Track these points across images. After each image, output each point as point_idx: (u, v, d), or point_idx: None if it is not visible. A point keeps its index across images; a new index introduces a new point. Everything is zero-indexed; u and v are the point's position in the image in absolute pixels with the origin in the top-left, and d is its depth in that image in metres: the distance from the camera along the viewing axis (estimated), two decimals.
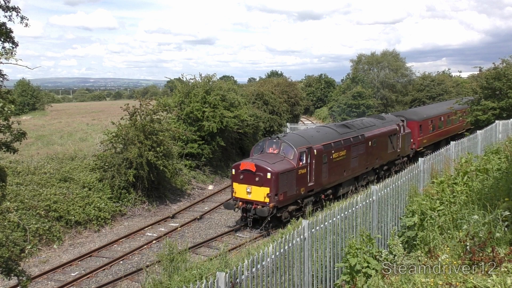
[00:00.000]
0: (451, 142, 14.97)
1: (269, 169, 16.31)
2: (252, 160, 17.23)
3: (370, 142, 21.95)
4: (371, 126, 22.92)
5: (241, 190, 17.01)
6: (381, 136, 23.09)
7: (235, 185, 17.23)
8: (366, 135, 21.76)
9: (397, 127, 24.90)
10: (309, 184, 17.80)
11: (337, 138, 19.83)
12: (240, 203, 17.01)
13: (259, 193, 16.48)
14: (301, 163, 17.34)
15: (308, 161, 17.73)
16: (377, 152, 22.75)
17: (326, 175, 18.74)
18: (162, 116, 22.70)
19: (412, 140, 26.90)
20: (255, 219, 17.13)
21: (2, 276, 8.91)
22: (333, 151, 19.10)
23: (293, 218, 16.11)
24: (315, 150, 17.95)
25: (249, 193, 16.78)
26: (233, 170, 17.37)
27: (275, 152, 17.63)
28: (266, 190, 16.34)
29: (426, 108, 32.24)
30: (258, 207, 16.46)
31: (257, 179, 16.43)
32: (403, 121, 26.48)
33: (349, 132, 20.88)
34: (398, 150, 25.15)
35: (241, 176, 16.88)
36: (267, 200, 16.33)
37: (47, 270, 14.28)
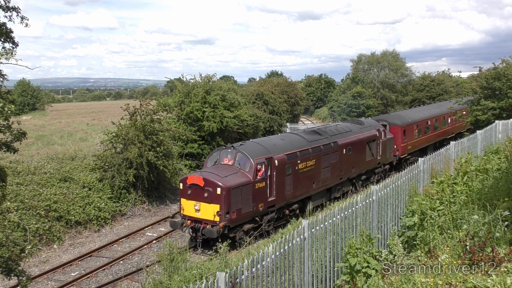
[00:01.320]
0: (451, 142, 14.96)
1: (219, 183, 14.38)
2: (201, 173, 15.33)
3: (344, 150, 20.09)
4: (346, 132, 21.10)
5: (189, 207, 15.07)
6: (357, 142, 21.25)
7: (183, 201, 15.30)
8: (339, 142, 19.87)
9: (377, 133, 23.01)
10: (269, 199, 15.88)
11: (305, 146, 17.84)
12: (189, 221, 15.05)
13: (208, 211, 14.56)
14: (259, 176, 15.43)
15: (268, 173, 15.86)
16: (353, 160, 20.86)
17: (290, 188, 16.78)
18: (162, 116, 22.71)
19: (395, 147, 25.17)
20: (206, 240, 15.10)
21: (2, 276, 8.91)
22: (299, 161, 17.17)
23: (250, 237, 14.55)
24: (276, 161, 16.03)
25: (197, 210, 14.85)
26: (181, 184, 15.45)
27: (230, 163, 15.74)
28: (216, 207, 14.42)
29: (411, 112, 30.18)
30: (208, 226, 14.53)
31: (206, 195, 14.54)
32: (385, 125, 25.01)
33: (320, 139, 18.94)
34: (379, 158, 23.26)
35: (189, 191, 14.95)
36: (217, 218, 14.40)
37: (47, 270, 14.29)
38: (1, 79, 8.87)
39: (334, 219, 8.24)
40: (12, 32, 8.94)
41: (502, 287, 4.57)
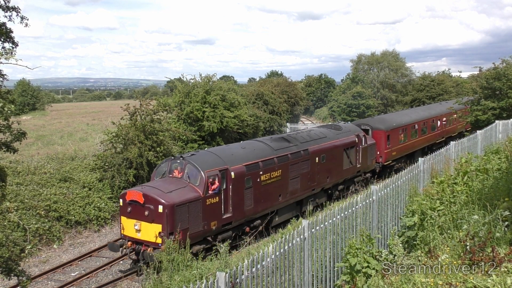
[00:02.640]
0: (451, 142, 14.96)
1: (161, 200, 12.62)
2: (142, 188, 13.61)
3: (317, 158, 18.35)
4: (320, 138, 19.30)
5: (129, 227, 13.29)
6: (333, 149, 19.49)
7: (123, 219, 13.49)
8: (311, 150, 18.11)
9: (356, 139, 21.28)
10: (224, 216, 14.16)
11: (269, 155, 16.14)
12: (129, 243, 13.29)
13: (149, 232, 12.77)
14: (211, 190, 13.72)
15: (224, 186, 14.18)
16: (327, 169, 19.12)
17: (251, 202, 15.06)
18: (162, 116, 22.70)
19: (378, 153, 23.54)
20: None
21: (2, 276, 8.92)
22: (261, 172, 15.47)
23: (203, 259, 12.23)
24: (232, 173, 14.40)
25: (138, 231, 13.02)
26: (120, 201, 13.65)
27: (178, 176, 14.06)
28: (158, 227, 12.63)
29: (396, 115, 28.28)
30: (149, 249, 12.71)
31: (146, 213, 12.78)
32: (367, 130, 23.59)
33: (288, 147, 17.20)
34: (358, 165, 21.51)
35: (129, 209, 13.20)
36: (159, 240, 12.55)
37: (47, 270, 14.30)
38: (1, 79, 8.88)
39: (334, 219, 8.24)
40: (12, 32, 8.95)
41: (502, 287, 4.57)
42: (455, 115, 31.49)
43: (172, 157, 14.98)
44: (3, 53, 8.29)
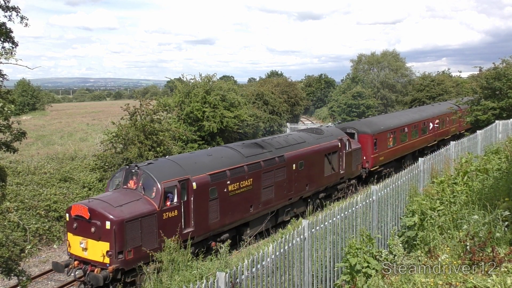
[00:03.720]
0: (451, 142, 14.95)
1: (108, 215, 11.28)
2: (88, 201, 12.18)
3: (294, 165, 17.12)
4: (298, 143, 18.02)
5: (75, 244, 11.90)
6: (312, 155, 18.24)
7: (69, 236, 12.13)
8: (287, 156, 16.87)
9: (339, 143, 20.02)
10: (185, 231, 12.88)
11: (239, 163, 14.93)
12: (76, 262, 11.94)
13: (96, 250, 11.45)
14: (168, 203, 12.55)
15: (184, 198, 13.00)
16: (306, 176, 17.89)
17: (216, 215, 13.84)
18: (162, 116, 22.70)
19: (364, 158, 22.36)
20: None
21: (2, 276, 8.92)
22: (229, 182, 14.28)
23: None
24: (194, 183, 13.17)
25: (84, 249, 11.66)
26: (67, 215, 12.27)
27: (133, 187, 12.74)
28: (105, 245, 11.34)
29: (385, 118, 26.82)
30: (96, 270, 11.35)
31: (93, 229, 11.44)
32: (352, 134, 22.42)
33: (260, 154, 15.96)
34: (342, 172, 20.25)
35: (75, 225, 11.83)
36: (106, 260, 11.30)
37: (47, 270, 14.29)
38: (1, 79, 8.88)
39: (334, 219, 8.24)
40: (12, 32, 8.95)
41: (502, 287, 4.57)
42: (448, 117, 30.95)
43: (127, 166, 13.49)
44: (3, 53, 8.30)
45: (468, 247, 5.61)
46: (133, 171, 12.97)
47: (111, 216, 11.26)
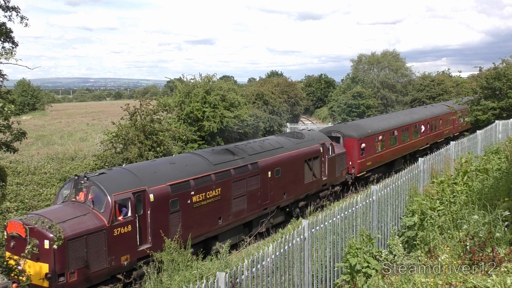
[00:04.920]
0: (451, 142, 14.94)
1: (46, 233, 10.00)
2: (27, 216, 10.91)
3: (269, 172, 16.04)
4: (274, 149, 16.84)
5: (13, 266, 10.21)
6: (290, 161, 17.12)
7: (7, 256, 10.36)
8: (261, 163, 15.74)
9: (321, 148, 18.90)
10: (141, 248, 11.75)
11: (205, 171, 13.80)
12: (14, 285, 10.22)
13: (35, 272, 10.26)
14: (121, 217, 11.41)
15: (140, 212, 11.88)
16: (284, 184, 16.78)
17: (178, 228, 12.62)
18: (162, 116, 22.70)
19: (350, 163, 21.34)
20: None
21: (2, 276, 8.91)
22: (193, 192, 13.16)
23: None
24: (152, 195, 12.04)
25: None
26: (5, 233, 11.21)
27: (82, 199, 11.57)
28: (44, 267, 10.17)
29: (373, 120, 25.62)
30: None
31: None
32: (338, 138, 21.50)
33: (231, 161, 14.87)
34: (324, 178, 19.12)
35: (12, 243, 10.63)
36: (46, 284, 10.16)
37: None
38: (1, 79, 8.89)
39: (334, 219, 8.24)
40: (12, 32, 8.96)
41: (502, 287, 4.57)
42: (441, 120, 30.43)
43: (76, 177, 12.14)
44: (3, 53, 8.30)
45: (468, 247, 5.61)
46: (82, 182, 11.80)
47: (50, 234, 9.71)
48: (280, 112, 35.76)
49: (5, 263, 8.28)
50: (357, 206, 8.84)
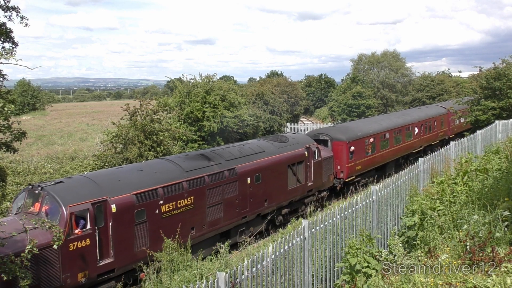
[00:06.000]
0: (451, 142, 14.94)
1: None
2: None
3: (248, 179, 15.17)
4: (254, 154, 15.98)
5: None
6: (272, 167, 16.25)
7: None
8: (239, 169, 14.88)
9: (306, 152, 18.02)
10: (101, 263, 10.86)
11: (176, 178, 12.94)
12: None
13: None
14: (78, 230, 10.50)
15: (101, 223, 11.02)
16: (265, 191, 15.93)
17: (145, 241, 11.81)
18: (162, 116, 22.71)
19: (339, 167, 20.56)
20: None
21: (2, 276, 8.90)
22: (161, 202, 12.26)
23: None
24: (114, 205, 11.18)
25: None
26: None
27: (36, 211, 10.73)
28: None
29: (364, 123, 24.60)
30: None
31: None
32: (326, 141, 20.76)
33: (206, 167, 13.98)
34: (310, 184, 18.25)
35: None
36: None
37: None
38: (1, 79, 8.88)
39: (334, 219, 8.24)
40: (12, 32, 8.96)
41: (502, 287, 4.57)
42: (435, 121, 29.95)
43: (30, 186, 11.32)
44: (3, 53, 8.30)
45: (468, 247, 5.61)
46: (36, 192, 10.92)
47: None
48: (280, 112, 35.77)
49: (5, 263, 8.28)
50: (357, 206, 8.84)
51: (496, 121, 19.56)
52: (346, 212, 8.51)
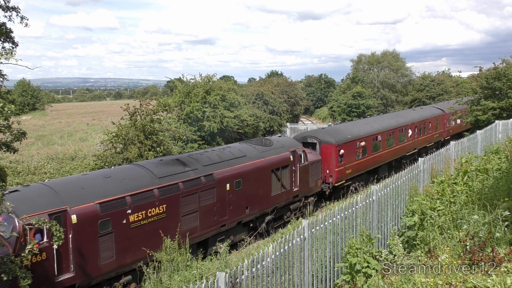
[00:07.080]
0: (451, 142, 14.93)
1: None
2: None
3: (228, 185, 14.40)
4: (235, 158, 15.21)
5: None
6: (253, 172, 15.48)
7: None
8: (217, 175, 14.08)
9: (291, 156, 17.31)
10: (60, 279, 10.07)
11: (147, 185, 12.11)
12: None
13: None
14: (35, 243, 9.56)
15: (62, 235, 9.61)
16: (247, 197, 15.17)
17: (111, 253, 11.07)
18: (162, 116, 22.71)
19: (328, 171, 19.81)
20: None
21: (2, 276, 8.90)
22: (129, 211, 11.44)
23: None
24: (74, 216, 10.37)
25: None
26: None
27: None
28: None
29: (354, 125, 23.68)
30: None
31: None
32: (314, 144, 20.06)
33: (180, 173, 13.18)
34: (295, 189, 17.50)
35: None
36: None
37: None
38: (1, 79, 8.87)
39: (334, 219, 8.25)
40: (12, 32, 8.95)
41: (502, 287, 4.57)
42: (430, 123, 29.55)
43: None
44: (3, 53, 8.29)
45: (468, 247, 5.61)
46: None
47: None
48: (280, 112, 35.77)
49: (5, 263, 8.28)
50: (357, 206, 8.84)
51: (496, 121, 19.57)
52: (346, 212, 8.52)
